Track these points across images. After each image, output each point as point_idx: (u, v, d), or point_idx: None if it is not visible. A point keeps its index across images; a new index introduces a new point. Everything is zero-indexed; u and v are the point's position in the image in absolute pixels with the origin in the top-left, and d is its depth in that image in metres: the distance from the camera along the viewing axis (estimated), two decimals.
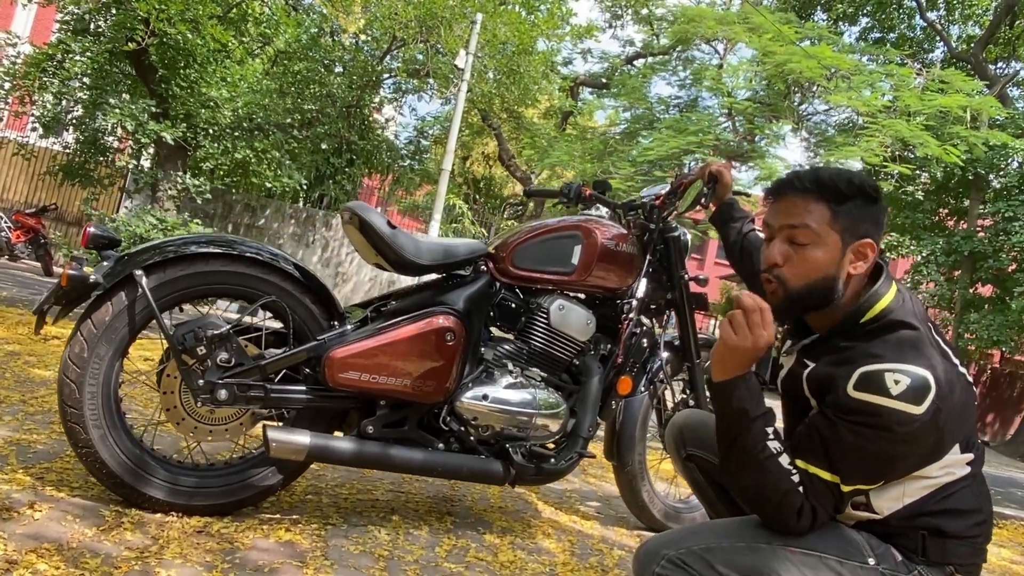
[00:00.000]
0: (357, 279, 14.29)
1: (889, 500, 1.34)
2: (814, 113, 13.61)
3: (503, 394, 2.16)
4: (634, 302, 2.41)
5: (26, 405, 2.56)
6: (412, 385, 2.00)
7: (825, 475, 1.30)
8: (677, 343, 2.61)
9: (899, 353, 1.28)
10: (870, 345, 1.32)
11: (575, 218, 2.38)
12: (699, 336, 2.63)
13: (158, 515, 1.83)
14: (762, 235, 2.06)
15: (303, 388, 1.95)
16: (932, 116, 10.52)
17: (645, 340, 2.48)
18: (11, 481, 1.82)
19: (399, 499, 2.38)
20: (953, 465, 1.36)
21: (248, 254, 1.92)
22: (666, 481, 2.85)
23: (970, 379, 1.39)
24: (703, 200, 2.20)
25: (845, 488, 1.30)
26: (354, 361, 1.93)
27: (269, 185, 11.99)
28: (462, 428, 2.13)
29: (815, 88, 12.18)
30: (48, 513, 1.68)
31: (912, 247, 14.11)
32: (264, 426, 1.89)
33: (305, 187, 12.72)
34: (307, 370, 1.97)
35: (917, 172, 11.88)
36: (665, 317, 2.62)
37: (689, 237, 2.58)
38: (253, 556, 1.69)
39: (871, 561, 1.32)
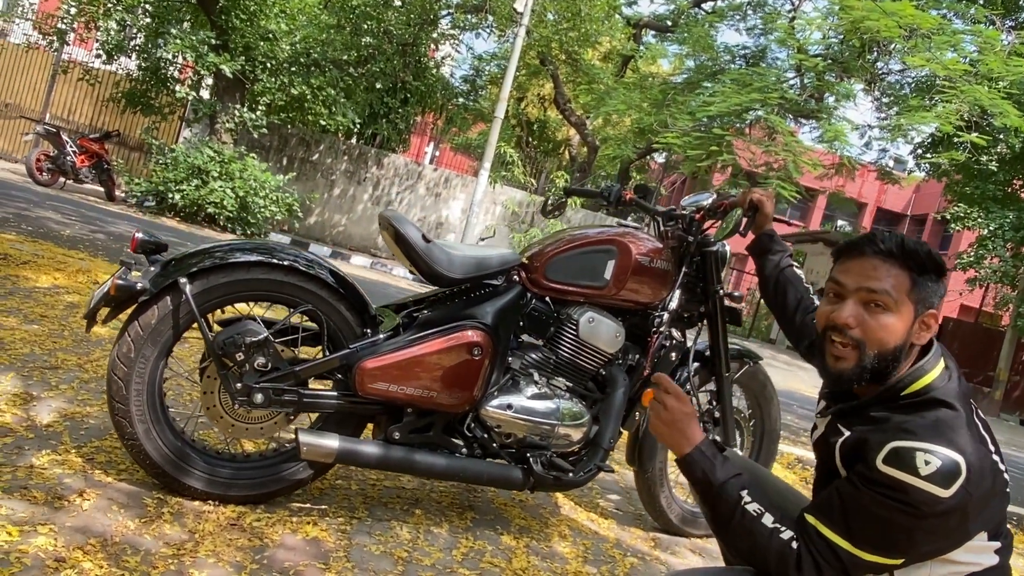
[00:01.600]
0: None
1: None
2: (889, 72, 12.94)
3: (527, 403, 2.21)
4: (665, 315, 2.41)
5: (82, 371, 2.72)
6: (439, 396, 2.07)
7: (837, 538, 1.31)
8: (707, 353, 2.61)
9: (934, 433, 1.27)
10: (906, 420, 1.31)
11: (612, 231, 2.37)
12: (731, 347, 2.63)
13: (196, 503, 1.96)
14: (799, 271, 2.04)
15: (334, 394, 2.03)
16: (1016, 83, 9.92)
17: (674, 353, 2.49)
18: (64, 463, 1.97)
19: (423, 488, 2.48)
20: (981, 552, 1.34)
21: (286, 262, 1.98)
22: (685, 486, 2.90)
23: (1003, 467, 1.37)
24: (741, 228, 2.16)
25: (855, 552, 1.31)
26: (383, 372, 2.00)
27: (323, 123, 12.04)
28: (485, 435, 2.20)
29: (892, 47, 11.55)
30: (96, 502, 1.81)
31: (980, 219, 13.52)
32: (296, 430, 1.98)
33: (358, 125, 12.74)
34: (339, 376, 2.05)
35: (992, 142, 11.30)
36: (697, 328, 2.62)
37: (728, 250, 2.54)
38: (280, 556, 1.81)
39: None
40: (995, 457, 1.33)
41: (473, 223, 10.78)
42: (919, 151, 14.00)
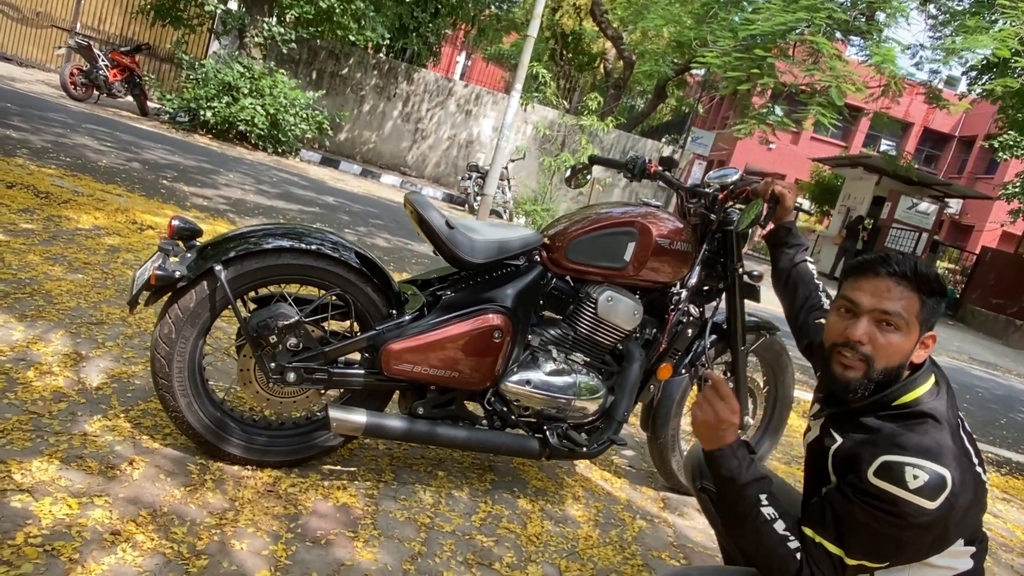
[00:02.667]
0: (436, 137, 14.30)
1: None
2: None
3: (546, 379, 2.31)
4: (684, 293, 2.46)
5: (126, 325, 2.88)
6: (460, 375, 2.18)
7: (831, 547, 1.42)
8: (725, 326, 2.67)
9: (923, 448, 1.35)
10: (896, 434, 1.39)
11: (634, 211, 2.40)
12: (748, 319, 2.68)
13: (235, 468, 2.12)
14: (812, 267, 2.07)
15: (361, 372, 2.15)
16: None
17: (690, 330, 2.55)
18: (114, 429, 2.13)
19: (447, 450, 2.63)
20: (958, 557, 1.45)
21: (314, 247, 2.06)
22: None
23: (984, 477, 1.46)
24: (762, 220, 2.17)
25: (849, 561, 1.42)
26: (408, 354, 2.10)
27: (352, 37, 11.80)
28: (505, 408, 2.31)
29: None
30: (144, 470, 1.98)
31: None
32: (327, 406, 2.11)
33: (388, 39, 12.47)
34: (366, 355, 2.16)
35: None
36: (716, 301, 2.66)
37: (750, 230, 2.55)
38: (313, 524, 1.97)
39: None
40: (977, 469, 1.42)
41: (503, 146, 10.66)
42: (972, 74, 13.33)
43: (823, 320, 1.90)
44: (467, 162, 13.74)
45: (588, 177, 2.80)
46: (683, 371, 2.62)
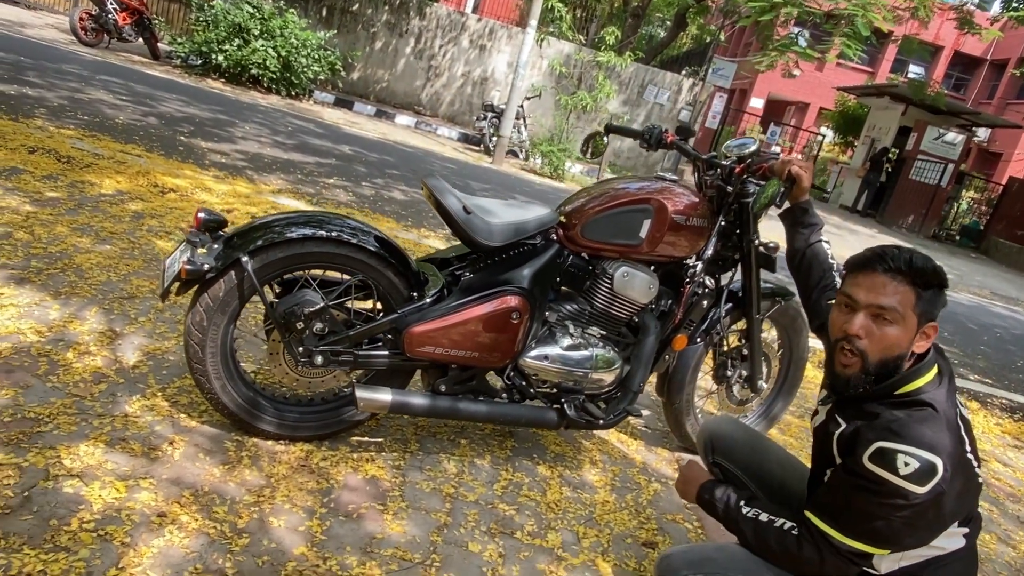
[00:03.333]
0: (449, 74, 14.06)
1: (889, 561, 1.56)
2: None
3: (563, 353, 2.38)
4: (700, 266, 2.50)
5: (155, 298, 2.97)
6: (480, 355, 2.25)
7: (824, 526, 1.53)
8: (740, 294, 2.70)
9: (917, 435, 1.44)
10: (893, 420, 1.47)
11: (650, 187, 2.41)
12: (764, 285, 2.72)
13: (269, 443, 2.24)
14: (827, 247, 2.10)
15: (385, 353, 2.23)
16: None
17: (706, 301, 2.59)
18: (152, 408, 2.24)
19: None
20: (951, 537, 1.55)
21: (335, 234, 2.11)
22: (709, 410, 3.10)
23: (976, 466, 1.54)
24: (778, 200, 2.18)
25: (843, 540, 1.51)
26: (429, 336, 2.17)
27: None
28: (524, 382, 2.40)
29: None
30: (184, 449, 2.10)
31: None
32: (353, 386, 2.20)
33: None
34: (389, 336, 2.23)
35: None
36: (731, 272, 2.69)
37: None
38: (344, 498, 2.09)
39: None
40: (970, 456, 1.51)
41: (519, 86, 10.49)
42: None
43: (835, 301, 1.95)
44: (482, 100, 13.54)
45: (604, 145, 2.80)
46: (698, 340, 2.68)
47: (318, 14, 13.14)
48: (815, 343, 3.80)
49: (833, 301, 1.96)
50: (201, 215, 2.05)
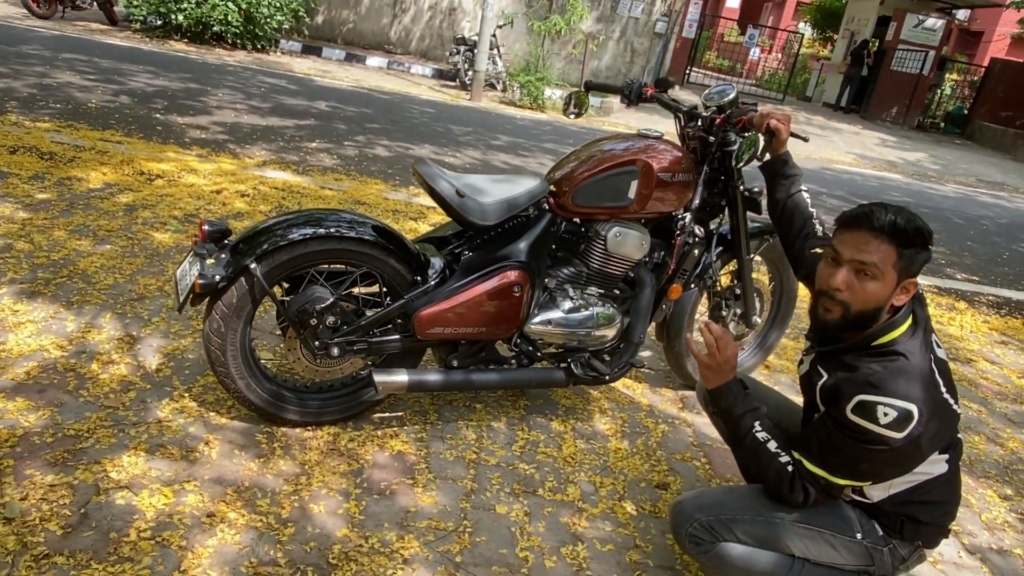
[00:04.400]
0: (416, 8, 13.70)
1: (879, 489, 1.73)
2: None
3: (565, 316, 2.49)
4: (688, 217, 2.58)
5: (165, 295, 3.05)
6: (488, 329, 2.36)
7: (814, 468, 1.70)
8: (729, 237, 2.80)
9: (893, 387, 1.58)
10: (872, 372, 1.62)
11: (634, 147, 2.46)
12: (752, 225, 2.81)
13: (297, 431, 2.37)
14: (806, 196, 2.20)
15: (397, 337, 2.33)
16: None
17: (697, 249, 2.69)
18: (183, 411, 2.36)
19: None
20: (934, 464, 1.71)
21: (333, 230, 2.17)
22: None
23: (953, 404, 1.68)
24: (759, 153, 2.24)
25: (833, 480, 1.68)
26: (438, 318, 2.27)
27: None
28: (530, 347, 2.51)
29: None
30: (220, 448, 2.22)
31: None
32: (370, 371, 2.31)
33: None
34: (398, 320, 2.33)
35: None
36: (719, 217, 2.78)
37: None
38: (376, 476, 2.23)
39: (859, 536, 1.75)
40: (946, 396, 1.66)
41: (488, 15, 10.25)
42: None
43: (818, 249, 2.06)
44: (452, 33, 13.23)
45: (587, 101, 2.83)
46: (692, 285, 2.79)
47: None
48: None
49: (816, 249, 2.07)
50: (206, 227, 2.12)
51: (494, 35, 11.34)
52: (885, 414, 1.54)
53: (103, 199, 3.94)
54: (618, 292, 2.63)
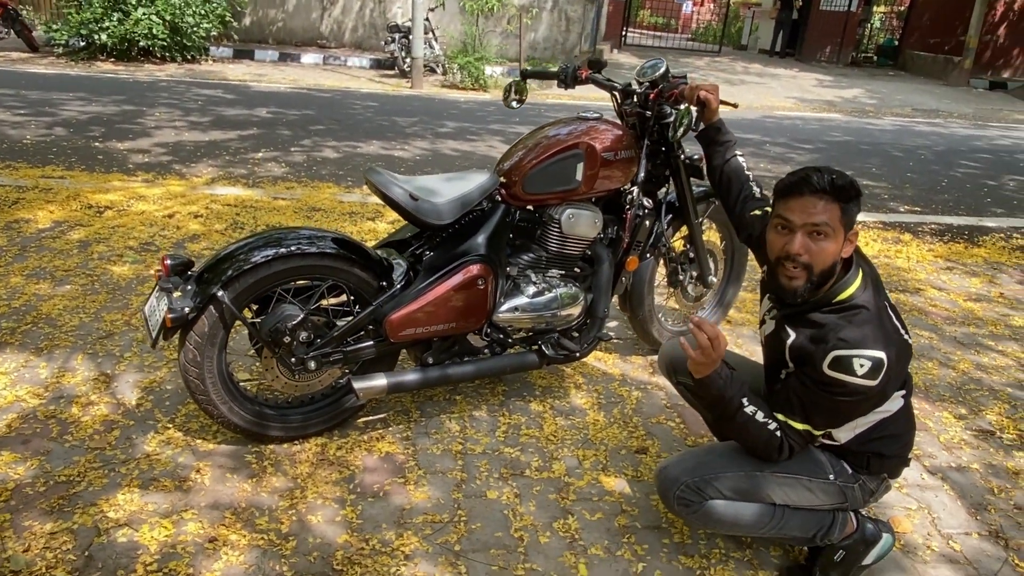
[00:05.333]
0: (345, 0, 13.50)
1: (846, 431, 1.86)
2: None
3: (531, 301, 2.58)
4: (636, 190, 2.68)
5: (132, 329, 3.06)
6: (458, 324, 2.43)
7: (800, 425, 1.81)
8: (677, 204, 2.91)
9: (863, 338, 1.70)
10: (839, 328, 1.73)
11: (577, 131, 2.54)
12: (696, 190, 2.91)
13: (284, 446, 2.43)
14: (741, 160, 2.30)
15: (371, 343, 2.39)
16: None
17: (648, 221, 2.79)
18: (169, 442, 2.40)
19: None
20: (892, 400, 1.84)
21: (295, 248, 2.22)
22: (670, 317, 3.36)
23: (909, 340, 1.81)
24: (693, 124, 2.34)
25: (815, 432, 1.80)
26: (408, 320, 2.34)
27: None
28: (501, 335, 2.60)
29: None
30: (211, 474, 2.27)
31: None
32: (349, 379, 2.38)
33: None
34: (370, 327, 2.39)
35: None
36: (666, 187, 2.88)
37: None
38: (368, 480, 2.30)
39: (831, 476, 1.88)
40: (904, 335, 1.79)
41: (419, 1, 10.17)
42: None
43: (757, 212, 2.17)
44: (385, 22, 13.09)
45: (526, 89, 2.89)
46: (648, 255, 2.89)
47: None
48: None
49: (755, 212, 2.18)
50: (168, 262, 2.15)
51: (427, 19, 11.26)
52: (861, 365, 1.65)
53: (55, 238, 3.90)
54: (578, 271, 2.72)
